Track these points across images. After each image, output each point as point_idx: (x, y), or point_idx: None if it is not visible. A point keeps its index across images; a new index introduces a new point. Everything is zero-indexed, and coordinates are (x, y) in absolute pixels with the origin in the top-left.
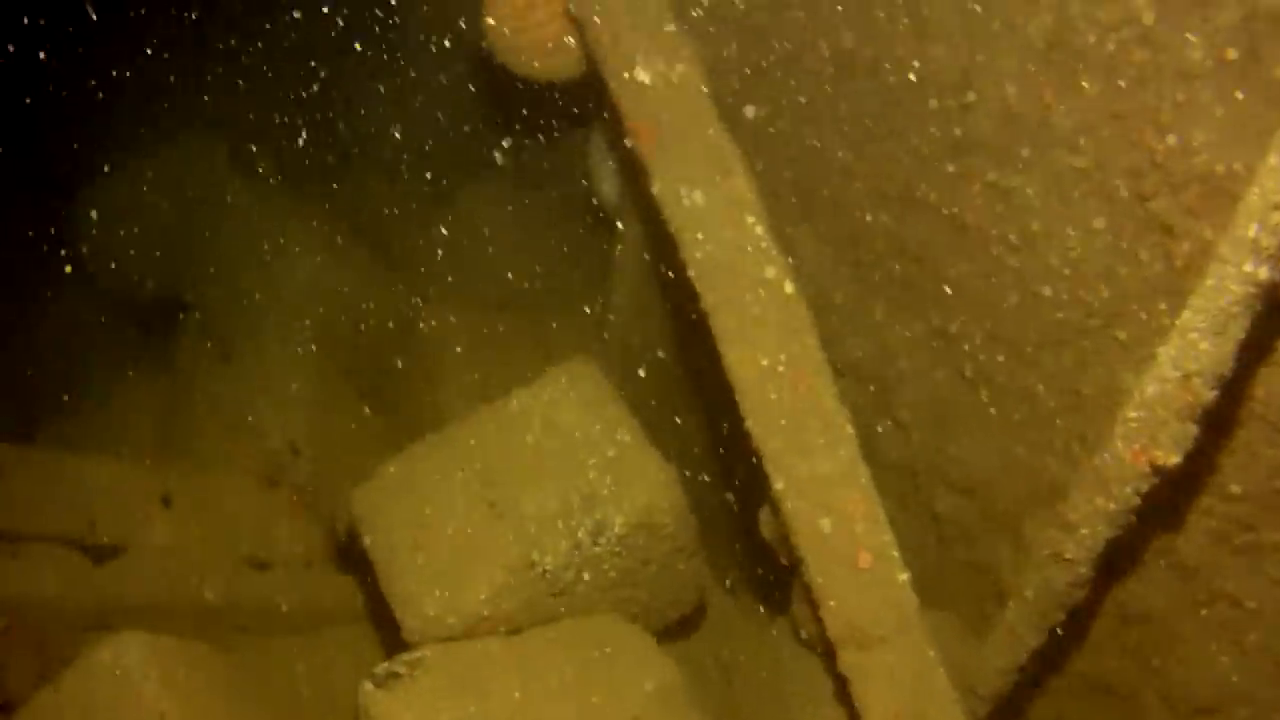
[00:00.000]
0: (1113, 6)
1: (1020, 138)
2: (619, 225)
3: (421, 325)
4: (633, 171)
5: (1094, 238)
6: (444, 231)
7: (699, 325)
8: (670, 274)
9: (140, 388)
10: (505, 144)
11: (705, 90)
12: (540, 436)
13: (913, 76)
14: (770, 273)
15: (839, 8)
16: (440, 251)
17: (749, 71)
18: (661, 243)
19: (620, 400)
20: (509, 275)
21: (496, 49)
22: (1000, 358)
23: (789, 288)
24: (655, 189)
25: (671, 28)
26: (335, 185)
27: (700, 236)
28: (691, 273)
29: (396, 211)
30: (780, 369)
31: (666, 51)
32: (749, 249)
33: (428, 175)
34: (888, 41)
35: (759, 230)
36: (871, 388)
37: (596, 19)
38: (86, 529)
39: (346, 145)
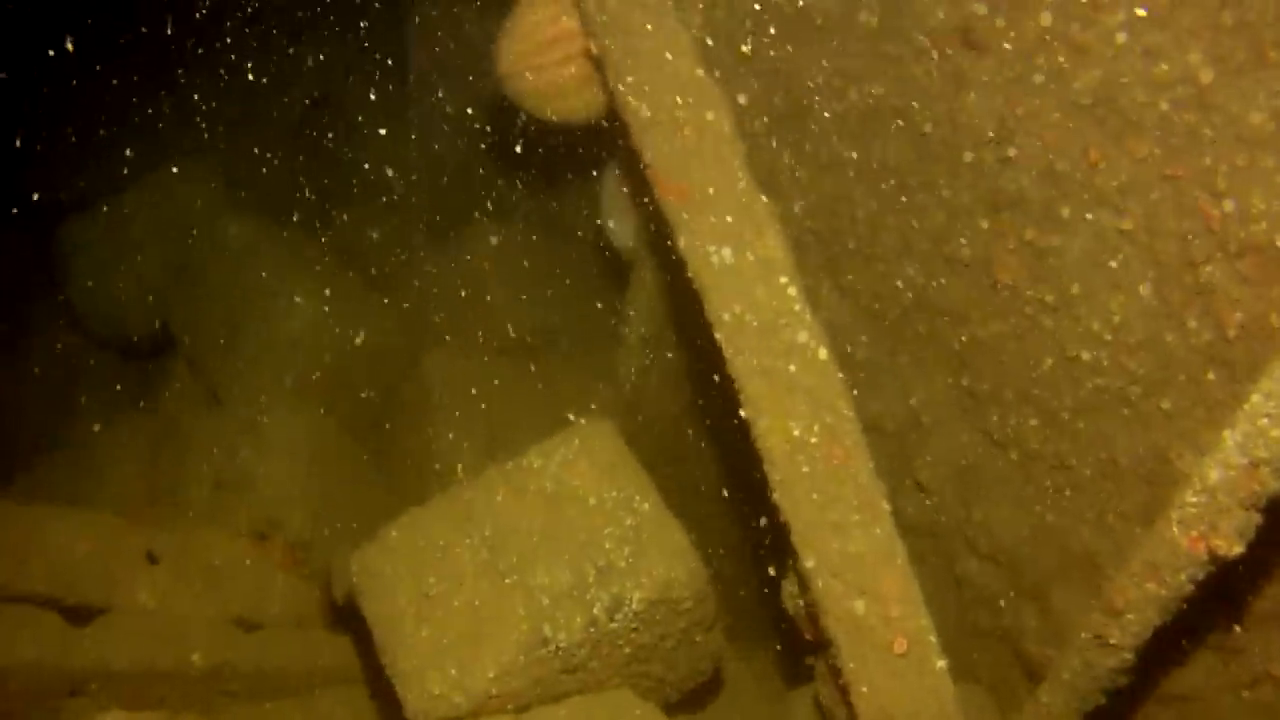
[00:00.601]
0: (1166, 64)
1: (1061, 196)
2: (632, 271)
3: (423, 370)
4: (650, 219)
5: (1138, 303)
6: (448, 272)
7: (724, 388)
8: (692, 330)
9: (126, 432)
10: (514, 183)
11: (736, 140)
12: (553, 502)
13: (947, 127)
14: (803, 337)
15: (868, 55)
16: (444, 293)
17: (770, 117)
18: (680, 293)
19: (637, 464)
20: (515, 319)
21: (510, 88)
22: (1032, 422)
23: (823, 354)
24: (681, 245)
25: (700, 72)
26: (335, 222)
27: (729, 297)
28: (719, 335)
29: (399, 251)
30: (813, 440)
31: (695, 97)
32: (781, 311)
33: (432, 213)
34: (921, 91)
35: (792, 291)
36: (892, 445)
37: (620, 62)
38: (65, 588)
39: (347, 181)
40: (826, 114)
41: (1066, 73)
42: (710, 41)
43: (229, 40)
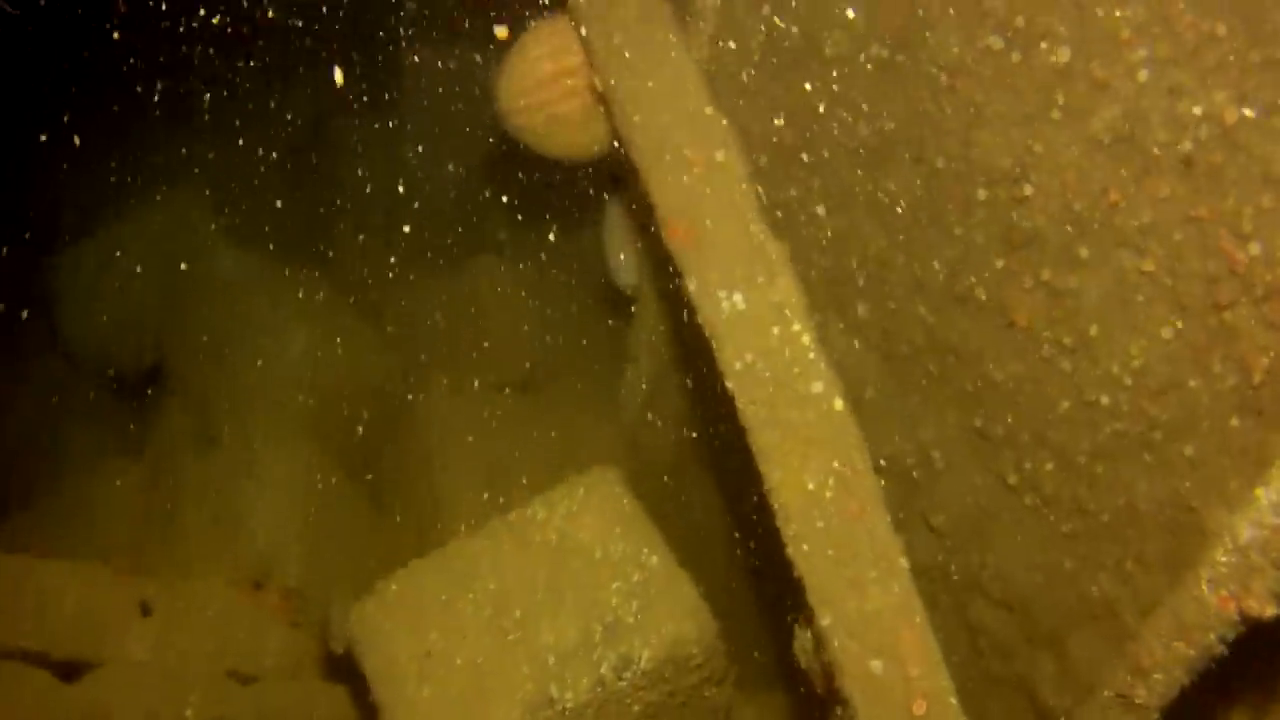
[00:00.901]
0: (1190, 103)
1: (1080, 236)
2: (636, 306)
3: (422, 408)
4: (655, 255)
5: (1160, 346)
6: (448, 306)
7: (732, 430)
8: (698, 369)
9: (117, 473)
10: (515, 213)
11: (747, 181)
12: (558, 555)
13: (960, 163)
14: (818, 387)
15: (879, 87)
16: (443, 328)
17: (776, 150)
18: (685, 331)
19: (644, 515)
20: (515, 353)
21: (510, 124)
22: (1048, 466)
23: (838, 404)
24: (691, 289)
25: (710, 110)
26: (331, 254)
27: (740, 345)
28: (729, 384)
29: (397, 284)
30: (828, 494)
31: (704, 136)
32: (794, 360)
33: (431, 245)
34: (933, 125)
35: (806, 339)
36: (902, 487)
37: (626, 99)
38: (54, 642)
39: (344, 211)
40: (835, 147)
41: (1086, 109)
42: (715, 72)
43: (223, 69)
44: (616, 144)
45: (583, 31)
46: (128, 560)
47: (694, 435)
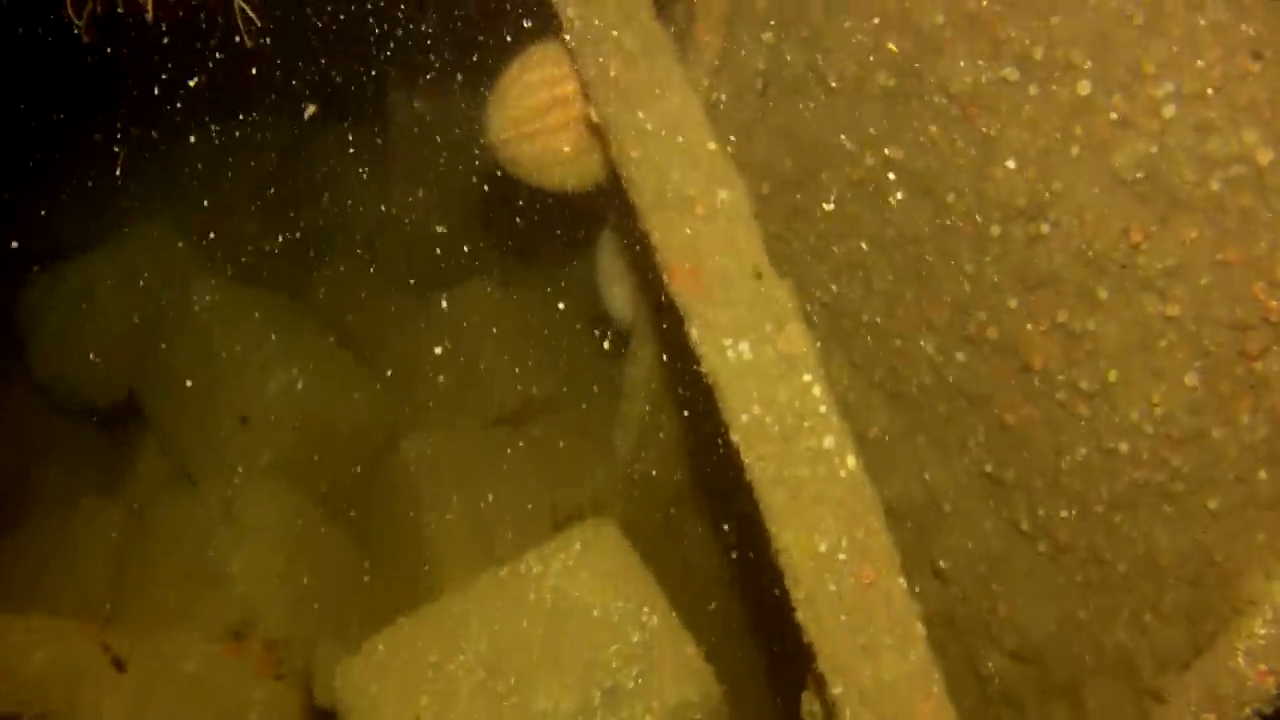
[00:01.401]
0: (1220, 141)
1: (1099, 277)
2: (632, 340)
3: (409, 445)
4: (651, 293)
5: (1183, 394)
6: (435, 338)
7: (739, 486)
8: (696, 409)
9: (92, 513)
10: (506, 242)
11: (753, 222)
12: (554, 614)
13: (972, 198)
14: (829, 443)
15: (886, 118)
16: (431, 360)
17: (778, 180)
18: (683, 372)
19: (644, 570)
20: (506, 388)
21: (501, 156)
22: (1064, 513)
23: (851, 461)
24: (694, 337)
25: (713, 146)
26: (313, 285)
27: (747, 397)
28: (736, 438)
29: (382, 316)
30: (841, 556)
31: (708, 173)
32: (804, 414)
33: (418, 275)
34: (943, 158)
35: (816, 391)
36: (908, 530)
37: (624, 133)
38: (23, 702)
39: (327, 240)
40: (839, 177)
41: (1107, 145)
42: (716, 101)
43: (203, 97)
44: (613, 179)
45: (578, 60)
46: (102, 610)
47: (693, 476)
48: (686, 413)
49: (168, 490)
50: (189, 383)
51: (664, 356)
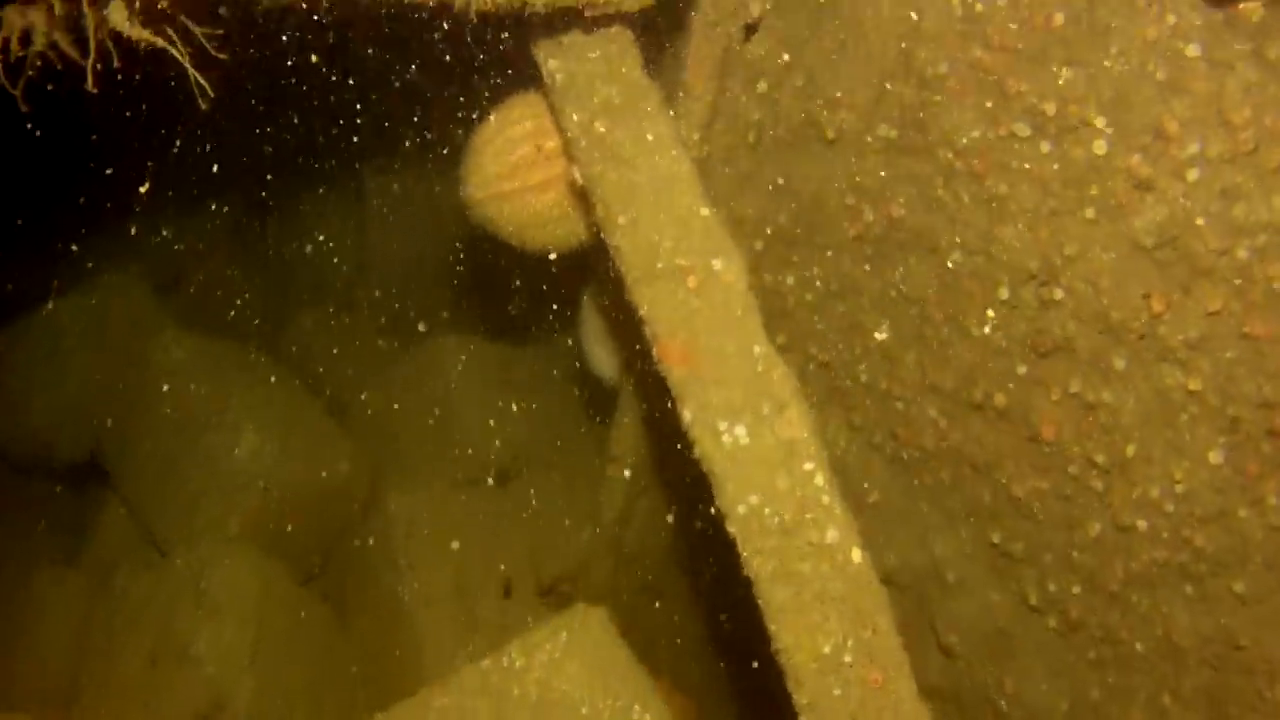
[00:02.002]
0: (1248, 206)
1: (1116, 346)
2: (618, 405)
3: (384, 507)
4: (636, 361)
5: (1207, 472)
6: (413, 394)
7: (738, 582)
8: (686, 476)
9: (52, 584)
10: (486, 295)
11: (749, 295)
12: (539, 711)
13: (979, 258)
14: (833, 536)
15: (888, 172)
16: (410, 416)
17: (773, 236)
18: (671, 436)
19: (634, 662)
20: (487, 445)
21: (478, 214)
22: (1075, 589)
23: (857, 556)
24: (687, 419)
25: (706, 211)
26: (287, 337)
27: (744, 486)
28: (732, 529)
29: (359, 369)
30: (846, 659)
31: (701, 241)
32: (806, 504)
33: (396, 328)
34: (948, 215)
35: (819, 480)
36: (910, 601)
37: (610, 196)
38: None
39: (302, 291)
40: (837, 234)
41: (1125, 208)
42: (708, 155)
43: (173, 143)
44: (598, 243)
45: (560, 116)
46: (60, 694)
47: (682, 539)
48: (679, 478)
49: (132, 559)
50: (155, 443)
51: (652, 419)
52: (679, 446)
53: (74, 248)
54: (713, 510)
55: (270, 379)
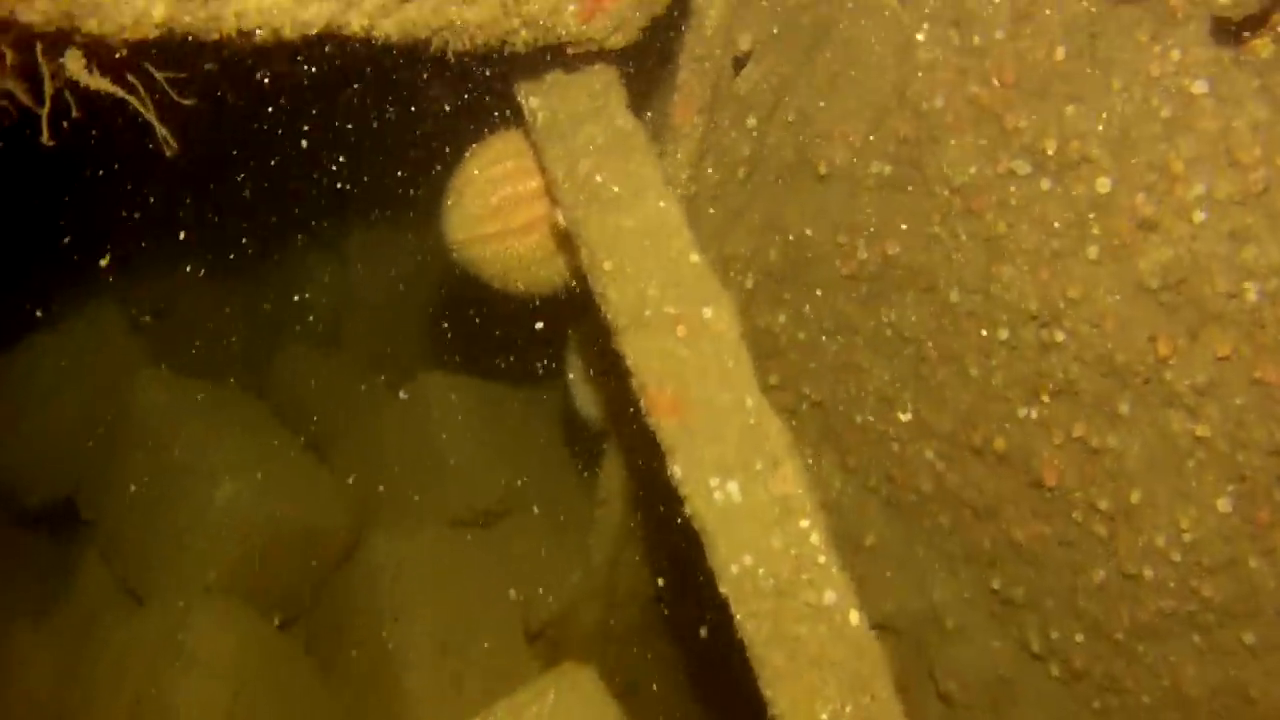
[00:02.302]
0: (1258, 249)
1: (1121, 390)
2: (606, 447)
3: (371, 551)
4: (622, 406)
5: (1215, 520)
6: (398, 434)
7: (730, 639)
8: (674, 520)
9: (28, 638)
10: (473, 332)
11: (741, 345)
12: None
13: (978, 298)
14: (830, 597)
15: (882, 209)
16: (394, 456)
17: (764, 273)
18: (661, 482)
19: None
20: (474, 487)
21: (460, 256)
22: (1079, 637)
23: (854, 618)
24: (676, 475)
25: (696, 258)
26: (271, 374)
27: (737, 545)
28: (724, 589)
29: (342, 407)
30: None
31: (690, 289)
32: (802, 564)
33: (380, 367)
34: (945, 254)
35: (815, 539)
36: (908, 647)
37: (596, 241)
38: None
39: (286, 327)
40: (831, 271)
41: (1130, 249)
42: (697, 192)
43: (154, 176)
44: (583, 288)
45: (543, 157)
46: None
47: (673, 581)
48: (669, 522)
49: (111, 609)
50: (134, 486)
51: (639, 466)
52: (663, 506)
53: (53, 284)
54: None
55: (252, 419)
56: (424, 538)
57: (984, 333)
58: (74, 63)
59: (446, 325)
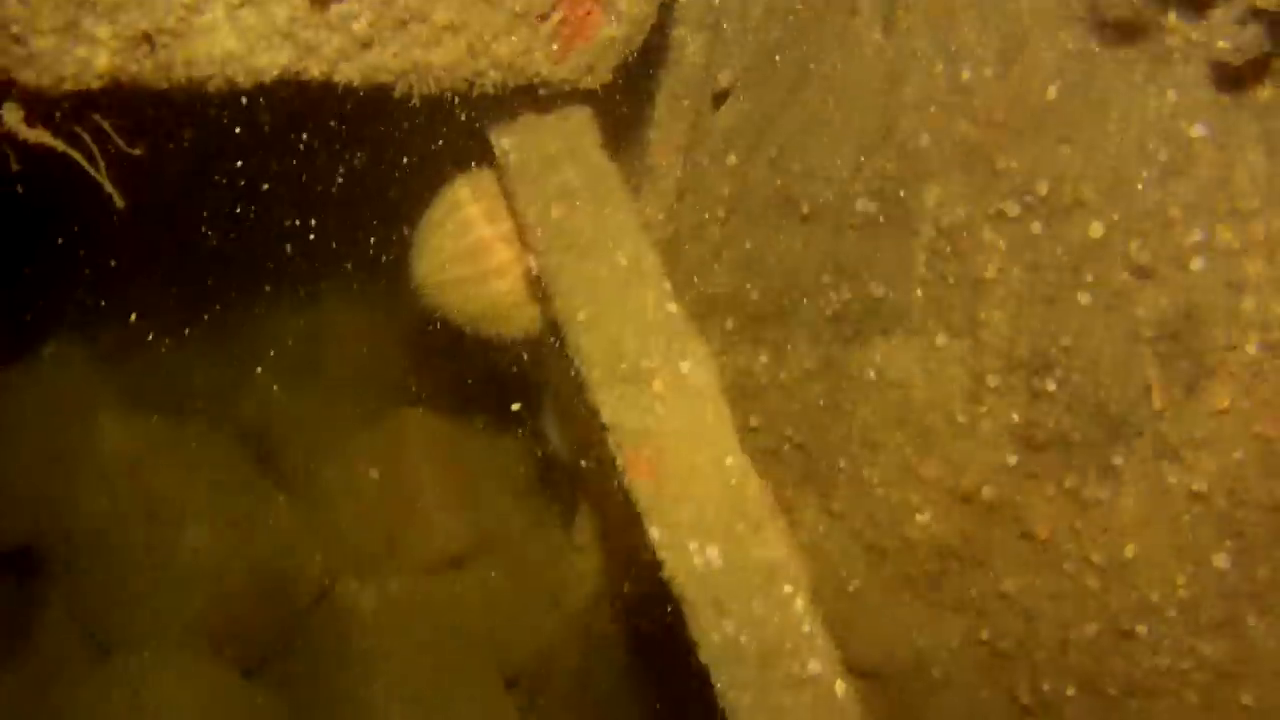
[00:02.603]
0: (1257, 301)
1: (1114, 443)
2: (580, 487)
3: (342, 596)
4: (599, 456)
5: (1212, 577)
6: (370, 471)
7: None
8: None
9: None
10: (446, 369)
11: (721, 400)
12: None
13: (965, 342)
14: (815, 667)
15: (866, 248)
16: (364, 497)
17: (744, 314)
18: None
19: None
20: (449, 528)
21: (429, 301)
22: (1070, 691)
23: (841, 688)
24: (654, 538)
25: (673, 308)
26: (239, 409)
27: (718, 612)
28: (704, 658)
29: (309, 446)
30: None
31: (669, 343)
32: (785, 632)
33: (350, 403)
34: (931, 296)
35: (799, 605)
36: (893, 694)
37: (569, 290)
38: None
39: (249, 364)
40: (813, 313)
41: (1124, 297)
42: (676, 232)
43: (119, 206)
44: (555, 337)
45: (514, 200)
46: None
47: (648, 625)
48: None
49: (74, 662)
50: (96, 531)
51: (616, 509)
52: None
53: (10, 320)
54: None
55: (219, 460)
56: (398, 582)
57: (972, 379)
58: (11, 115)
59: (420, 364)
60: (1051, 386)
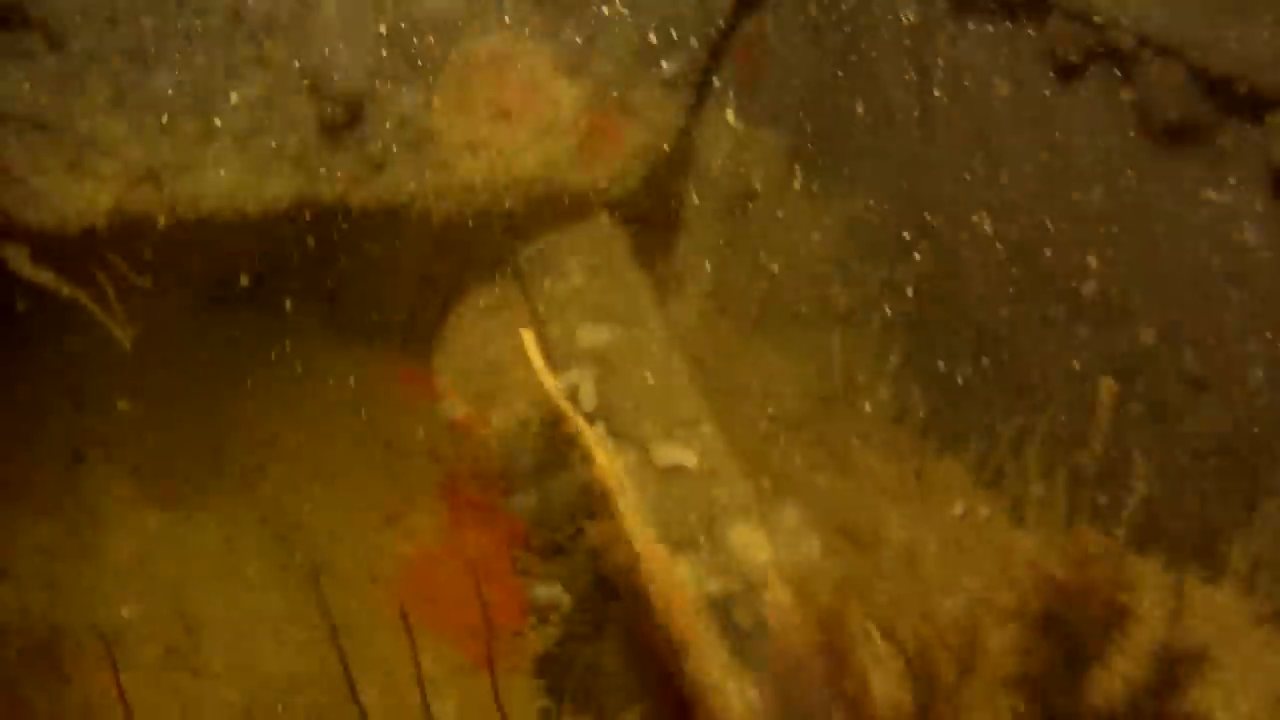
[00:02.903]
0: None
1: None
2: None
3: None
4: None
5: None
6: (394, 550)
7: None
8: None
9: None
10: None
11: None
12: None
13: (1005, 450)
14: None
15: (896, 347)
16: (388, 585)
17: (781, 416)
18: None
19: None
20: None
21: (447, 406)
22: None
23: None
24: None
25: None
26: (255, 498)
27: None
28: None
29: (333, 530)
30: None
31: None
32: None
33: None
34: (973, 398)
35: None
36: None
37: (590, 415)
38: None
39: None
40: (855, 414)
41: (1178, 409)
42: (704, 336)
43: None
44: None
45: (538, 318)
46: None
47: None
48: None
49: None
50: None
51: None
52: None
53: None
54: None
55: (225, 549)
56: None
57: (1013, 487)
58: (15, 255)
59: None
60: (1103, 500)
